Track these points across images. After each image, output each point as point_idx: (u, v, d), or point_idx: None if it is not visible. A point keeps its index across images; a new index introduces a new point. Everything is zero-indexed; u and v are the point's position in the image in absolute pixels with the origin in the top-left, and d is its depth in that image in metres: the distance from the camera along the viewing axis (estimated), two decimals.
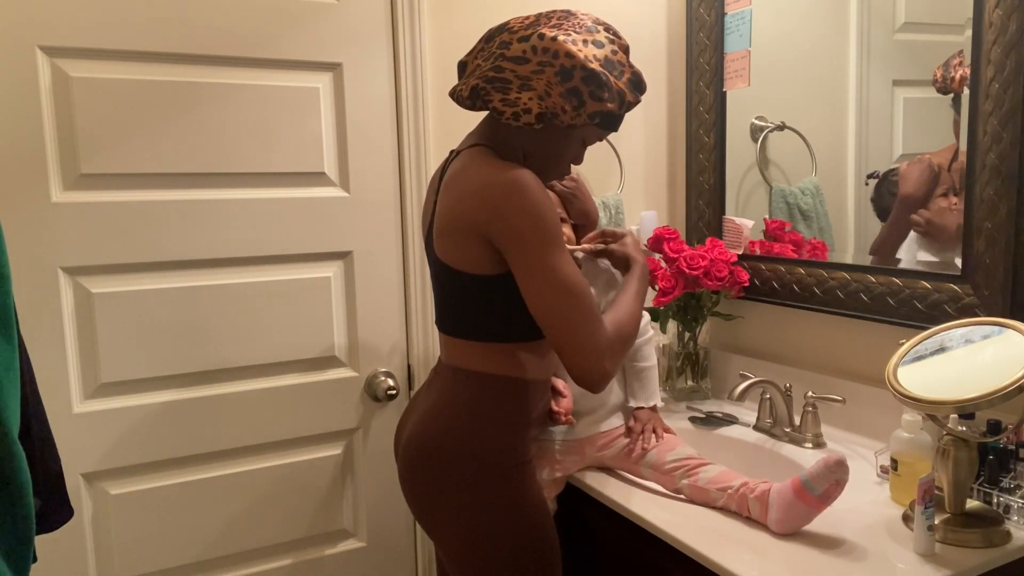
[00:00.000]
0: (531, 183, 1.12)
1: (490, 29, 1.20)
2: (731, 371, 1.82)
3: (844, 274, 1.56)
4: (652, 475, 1.36)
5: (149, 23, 1.44)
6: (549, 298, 1.13)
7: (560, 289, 1.13)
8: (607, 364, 1.15)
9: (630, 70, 1.18)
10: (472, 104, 1.18)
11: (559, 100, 1.13)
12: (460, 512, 1.21)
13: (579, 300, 1.13)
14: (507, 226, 1.12)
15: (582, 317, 1.13)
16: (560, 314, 1.13)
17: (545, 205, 1.13)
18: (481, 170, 1.16)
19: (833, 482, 1.12)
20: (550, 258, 1.12)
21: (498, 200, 1.12)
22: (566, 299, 1.13)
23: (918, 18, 1.44)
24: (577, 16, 1.17)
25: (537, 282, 1.13)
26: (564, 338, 1.14)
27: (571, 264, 1.15)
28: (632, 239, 1.38)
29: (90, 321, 1.45)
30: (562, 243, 1.15)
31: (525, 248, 1.13)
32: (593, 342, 1.14)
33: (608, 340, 1.16)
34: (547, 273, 1.12)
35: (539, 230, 1.12)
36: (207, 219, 1.53)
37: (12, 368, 0.76)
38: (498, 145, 1.21)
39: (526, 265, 1.13)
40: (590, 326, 1.14)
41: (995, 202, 1.28)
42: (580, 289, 1.14)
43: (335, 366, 1.68)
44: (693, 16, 1.88)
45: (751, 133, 1.79)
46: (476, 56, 1.20)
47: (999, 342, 1.10)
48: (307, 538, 1.68)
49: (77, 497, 1.46)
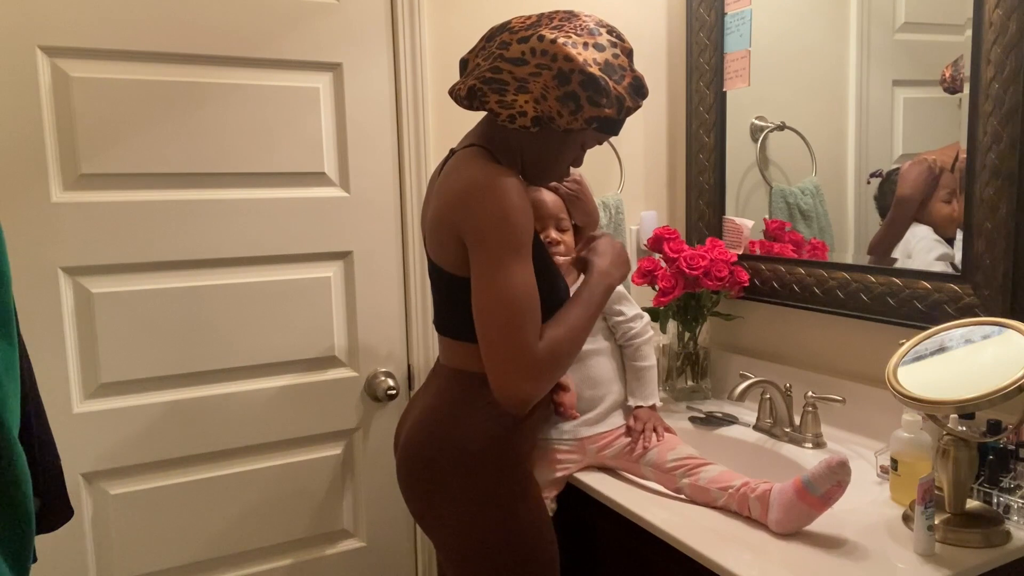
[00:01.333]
0: (510, 187, 1.10)
1: (492, 28, 1.19)
2: (731, 371, 1.82)
3: (844, 274, 1.56)
4: (652, 475, 1.36)
5: (149, 23, 1.44)
6: (487, 303, 1.10)
7: (501, 297, 1.09)
8: (528, 387, 1.10)
9: (631, 74, 1.15)
10: (470, 104, 1.18)
11: (555, 104, 1.11)
12: (457, 512, 1.21)
13: (516, 314, 1.09)
14: (474, 225, 1.11)
15: (513, 332, 1.09)
16: (491, 323, 1.10)
17: (517, 210, 1.10)
18: (468, 171, 1.15)
19: (835, 483, 1.12)
20: (504, 263, 1.09)
21: (473, 200, 1.11)
22: (503, 309, 1.09)
23: (918, 18, 1.44)
24: (580, 18, 1.15)
25: (482, 284, 1.11)
26: (489, 349, 1.11)
27: (526, 276, 1.11)
28: (604, 243, 1.32)
29: (90, 321, 1.45)
30: (525, 254, 1.11)
31: (483, 247, 1.11)
32: (517, 361, 1.09)
33: (535, 362, 1.10)
34: (495, 278, 1.09)
35: (502, 233, 1.09)
36: (207, 219, 1.53)
37: (12, 368, 0.76)
38: (495, 146, 1.21)
39: (479, 265, 1.11)
40: (519, 343, 1.09)
41: (995, 202, 1.27)
42: (523, 303, 1.09)
43: (335, 366, 1.68)
44: (693, 16, 1.88)
45: (751, 133, 1.79)
46: (477, 55, 1.19)
47: (999, 342, 1.10)
48: (307, 538, 1.68)
49: (77, 497, 1.46)
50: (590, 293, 1.23)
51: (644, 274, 1.77)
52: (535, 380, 1.12)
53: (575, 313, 1.20)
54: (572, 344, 1.17)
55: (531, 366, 1.10)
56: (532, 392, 1.11)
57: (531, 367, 1.10)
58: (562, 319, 1.18)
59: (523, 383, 1.10)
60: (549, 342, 1.13)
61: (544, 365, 1.12)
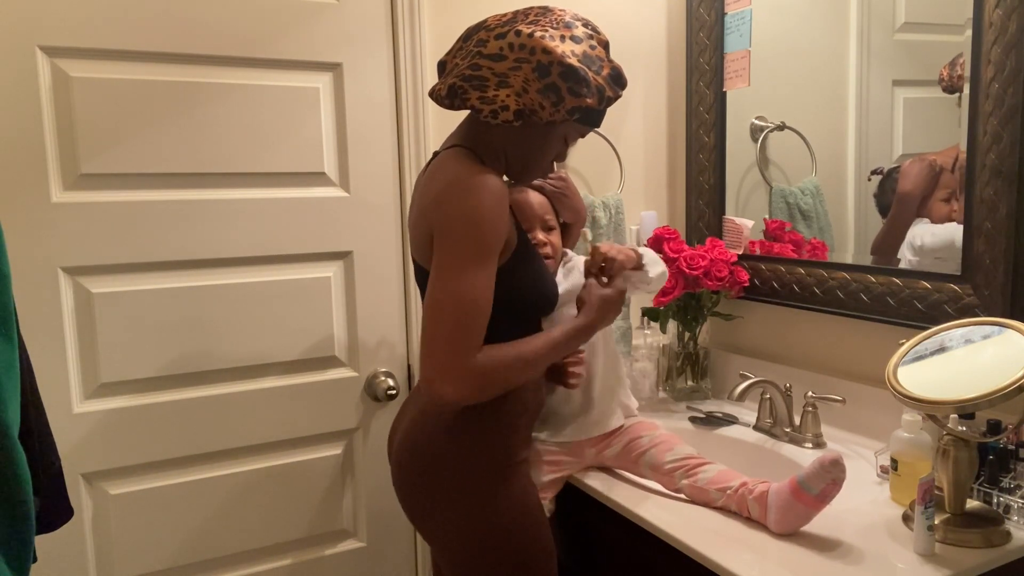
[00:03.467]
0: (487, 189, 1.10)
1: (468, 28, 1.20)
2: (731, 371, 1.82)
3: (844, 274, 1.56)
4: (652, 475, 1.36)
5: (149, 23, 1.44)
6: (438, 299, 1.09)
7: (450, 295, 1.08)
8: (449, 390, 1.07)
9: (609, 65, 1.17)
10: (451, 103, 1.17)
11: (537, 96, 1.12)
12: (453, 514, 1.21)
13: (462, 315, 1.07)
14: (444, 222, 1.11)
15: (453, 332, 1.07)
16: (436, 318, 1.09)
17: (490, 214, 1.09)
18: (448, 172, 1.15)
19: (830, 481, 1.12)
20: (465, 265, 1.08)
21: (448, 198, 1.11)
22: (451, 308, 1.07)
23: (918, 18, 1.44)
24: (554, 12, 1.16)
25: (437, 278, 1.10)
26: (426, 341, 1.09)
27: (482, 283, 1.09)
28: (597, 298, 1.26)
29: (90, 321, 1.45)
30: (489, 261, 1.10)
31: (446, 244, 1.10)
32: (446, 363, 1.07)
33: (464, 370, 1.07)
34: (451, 276, 1.08)
35: (468, 234, 1.09)
36: (207, 219, 1.53)
37: (12, 368, 0.76)
38: (477, 145, 1.20)
39: (439, 260, 1.10)
40: (454, 346, 1.07)
41: (995, 202, 1.27)
42: (472, 308, 1.08)
43: (335, 366, 1.68)
44: (693, 16, 1.88)
45: (751, 133, 1.79)
46: (455, 55, 1.20)
47: (999, 342, 1.10)
48: (307, 538, 1.68)
49: (77, 497, 1.46)
50: (564, 337, 1.21)
51: None
52: (458, 387, 1.08)
53: (534, 347, 1.17)
54: (513, 372, 1.14)
55: (458, 372, 1.08)
56: (452, 398, 1.08)
57: (458, 373, 1.08)
58: (519, 345, 1.15)
59: (445, 385, 1.08)
60: (490, 359, 1.10)
61: (473, 377, 1.09)
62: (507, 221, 1.15)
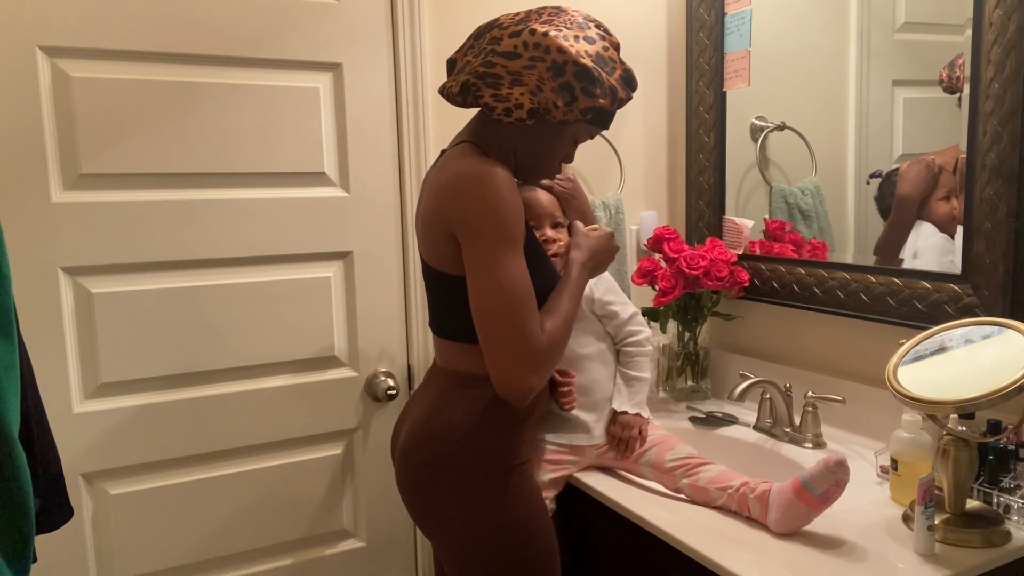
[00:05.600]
0: (499, 177, 1.11)
1: (480, 26, 1.20)
2: (731, 371, 1.82)
3: (844, 274, 1.56)
4: (652, 474, 1.36)
5: (149, 23, 1.44)
6: (486, 297, 1.10)
7: (500, 290, 1.09)
8: (533, 378, 1.10)
9: (621, 67, 1.18)
10: (463, 100, 1.18)
11: (551, 95, 1.12)
12: (457, 514, 1.21)
13: (518, 306, 1.09)
14: (465, 216, 1.11)
15: (516, 322, 1.09)
16: (492, 317, 1.10)
17: (508, 201, 1.10)
18: (457, 165, 1.16)
19: (833, 483, 1.12)
20: (499, 254, 1.09)
21: (462, 191, 1.11)
22: (503, 302, 1.09)
23: (918, 18, 1.44)
24: (568, 12, 1.17)
25: (479, 276, 1.10)
26: (491, 343, 1.10)
27: (520, 267, 1.11)
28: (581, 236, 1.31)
29: (90, 321, 1.45)
30: (517, 244, 1.11)
31: (476, 240, 1.10)
32: (522, 353, 1.09)
33: (539, 352, 1.11)
34: (492, 271, 1.09)
35: (495, 224, 1.09)
36: (207, 219, 1.53)
37: (12, 368, 0.76)
38: (486, 142, 1.21)
39: (472, 258, 1.11)
40: (522, 334, 1.09)
41: (995, 202, 1.27)
42: (522, 295, 1.10)
43: (335, 366, 1.68)
44: (693, 16, 1.88)
45: (751, 133, 1.79)
46: (466, 53, 1.20)
47: (999, 342, 1.10)
48: (307, 538, 1.68)
49: (77, 497, 1.46)
50: (573, 283, 1.24)
51: (644, 274, 1.77)
52: (539, 371, 1.12)
53: (564, 302, 1.20)
54: (565, 333, 1.18)
55: (535, 357, 1.11)
56: (536, 383, 1.12)
57: (535, 358, 1.11)
58: (553, 309, 1.18)
59: (528, 375, 1.10)
60: (550, 335, 1.14)
61: (545, 355, 1.13)
62: (523, 210, 1.16)
